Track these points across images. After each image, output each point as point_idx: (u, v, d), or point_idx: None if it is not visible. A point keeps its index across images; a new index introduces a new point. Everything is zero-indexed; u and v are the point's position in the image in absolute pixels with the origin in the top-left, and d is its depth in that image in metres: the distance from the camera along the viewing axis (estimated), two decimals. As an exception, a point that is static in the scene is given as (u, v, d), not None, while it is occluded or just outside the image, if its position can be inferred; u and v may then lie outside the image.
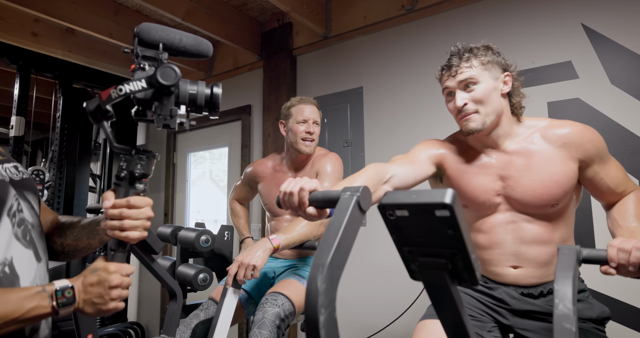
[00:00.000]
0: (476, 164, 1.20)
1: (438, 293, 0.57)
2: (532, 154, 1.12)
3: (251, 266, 1.34)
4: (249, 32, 3.04)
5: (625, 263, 0.84)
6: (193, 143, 3.76)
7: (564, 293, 0.71)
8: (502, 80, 1.15)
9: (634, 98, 1.76)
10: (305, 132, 1.73)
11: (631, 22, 1.79)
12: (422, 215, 0.51)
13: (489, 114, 1.12)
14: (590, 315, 1.10)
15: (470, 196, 1.18)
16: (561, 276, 0.76)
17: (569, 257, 0.82)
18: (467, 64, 1.13)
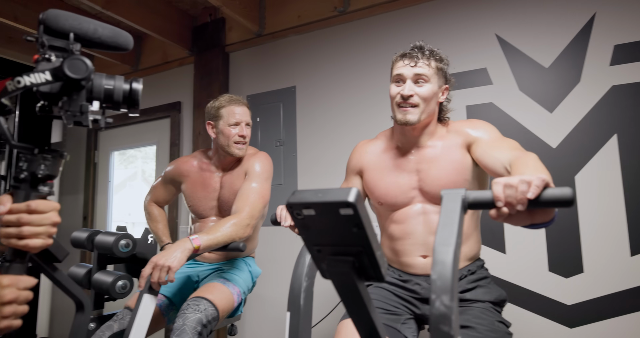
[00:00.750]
0: (395, 162, 1.28)
1: (346, 291, 0.58)
2: (439, 147, 1.25)
3: (166, 268, 1.25)
4: (179, 25, 2.91)
5: (512, 200, 0.68)
6: (117, 141, 3.51)
7: (443, 284, 0.55)
8: (442, 90, 1.27)
9: (539, 105, 1.94)
10: (238, 136, 1.66)
11: (537, 35, 1.98)
12: (327, 213, 0.51)
13: (424, 112, 1.21)
14: (489, 298, 1.19)
15: (384, 193, 1.26)
16: (440, 246, 0.59)
17: (452, 203, 0.64)
18: (427, 62, 1.21)
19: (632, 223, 1.74)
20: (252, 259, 1.86)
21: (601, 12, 1.86)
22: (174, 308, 1.64)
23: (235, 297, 1.57)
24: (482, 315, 1.11)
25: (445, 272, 0.56)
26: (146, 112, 3.25)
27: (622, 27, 1.82)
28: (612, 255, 1.76)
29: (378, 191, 1.27)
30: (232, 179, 1.71)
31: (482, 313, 1.13)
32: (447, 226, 0.61)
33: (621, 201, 1.76)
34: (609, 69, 1.82)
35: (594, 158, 1.82)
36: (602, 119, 1.82)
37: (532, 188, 0.66)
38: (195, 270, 1.75)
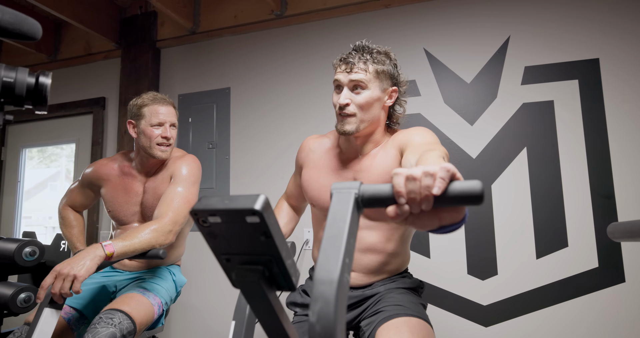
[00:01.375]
0: (334, 165, 1.22)
1: (256, 301, 0.56)
2: (376, 155, 1.17)
3: (71, 277, 1.11)
4: (105, 15, 2.71)
5: (416, 196, 0.54)
6: (29, 137, 3.18)
7: (323, 330, 0.46)
8: (389, 93, 1.15)
9: (461, 117, 2.08)
10: (161, 137, 1.56)
11: (460, 52, 2.11)
12: (234, 221, 0.49)
13: (364, 121, 1.12)
14: (403, 285, 1.20)
15: (317, 195, 1.22)
16: (331, 233, 0.51)
17: (343, 201, 0.53)
18: (364, 66, 1.11)
19: (537, 229, 1.91)
20: (178, 267, 1.76)
21: (514, 35, 2.04)
22: (85, 321, 1.50)
23: (155, 308, 1.47)
24: (403, 296, 1.14)
25: (328, 313, 0.45)
26: (65, 107, 2.98)
27: (532, 51, 2.00)
28: (522, 258, 1.91)
29: (311, 192, 1.23)
30: (156, 183, 1.61)
31: (402, 294, 1.15)
32: (333, 239, 0.50)
33: (529, 209, 1.93)
34: (520, 88, 2.00)
35: (507, 169, 1.98)
36: (515, 133, 1.99)
37: (437, 181, 0.53)
38: (112, 279, 1.62)
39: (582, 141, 1.89)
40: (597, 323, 1.77)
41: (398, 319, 1.04)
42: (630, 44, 1.88)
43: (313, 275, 1.32)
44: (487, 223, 1.98)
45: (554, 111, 1.94)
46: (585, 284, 1.82)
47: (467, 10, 2.12)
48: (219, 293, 2.37)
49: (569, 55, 1.95)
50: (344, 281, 0.48)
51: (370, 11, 2.29)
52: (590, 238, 1.84)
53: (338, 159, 1.23)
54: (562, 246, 1.87)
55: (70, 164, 3.49)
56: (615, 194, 1.82)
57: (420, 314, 1.08)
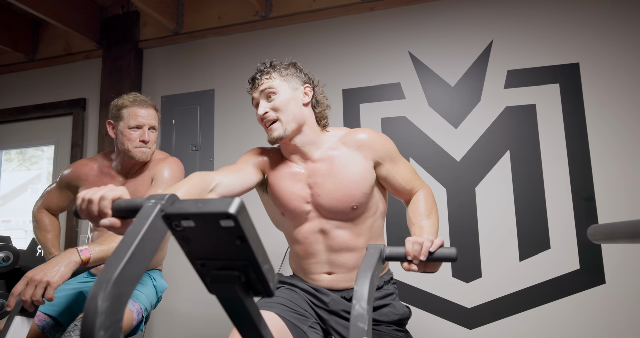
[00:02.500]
0: (289, 172, 1.23)
1: (232, 307, 0.54)
2: (333, 159, 1.20)
3: (43, 284, 1.06)
4: (86, 14, 2.65)
5: (417, 253, 0.94)
6: (6, 139, 3.08)
7: (361, 294, 0.76)
8: (302, 91, 1.22)
9: (445, 120, 2.09)
10: (139, 140, 1.52)
11: (444, 55, 2.13)
12: (208, 225, 0.47)
13: (289, 121, 1.17)
14: (393, 318, 1.21)
15: (284, 202, 1.22)
16: (361, 276, 0.80)
17: (372, 256, 0.88)
18: (267, 76, 1.19)
19: (520, 231, 1.92)
20: (159, 272, 1.72)
21: (497, 39, 2.06)
22: (60, 329, 1.45)
23: (134, 314, 1.44)
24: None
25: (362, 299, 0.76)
26: (44, 107, 2.90)
27: (514, 55, 2.03)
28: (505, 260, 1.93)
29: (281, 199, 1.22)
30: (136, 185, 1.57)
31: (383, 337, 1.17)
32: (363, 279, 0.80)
33: (512, 212, 1.94)
34: (503, 91, 2.02)
35: (491, 171, 1.99)
36: (498, 136, 2.00)
37: (434, 245, 0.96)
38: (89, 284, 1.57)
39: (563, 144, 1.92)
40: (579, 324, 1.80)
41: None
42: (610, 49, 1.92)
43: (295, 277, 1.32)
44: (471, 225, 1.99)
45: (536, 114, 1.97)
46: (567, 286, 1.84)
47: (451, 14, 2.14)
48: (202, 298, 2.33)
49: (550, 59, 1.98)
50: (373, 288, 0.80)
51: (355, 14, 2.29)
52: (571, 240, 1.86)
53: (290, 168, 1.24)
54: (545, 249, 1.89)
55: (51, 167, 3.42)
56: (596, 196, 1.85)
57: None
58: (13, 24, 2.81)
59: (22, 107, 2.96)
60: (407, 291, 2.01)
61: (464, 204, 2.00)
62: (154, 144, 1.59)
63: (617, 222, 0.79)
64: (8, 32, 2.77)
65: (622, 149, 1.85)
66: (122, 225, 0.73)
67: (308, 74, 1.26)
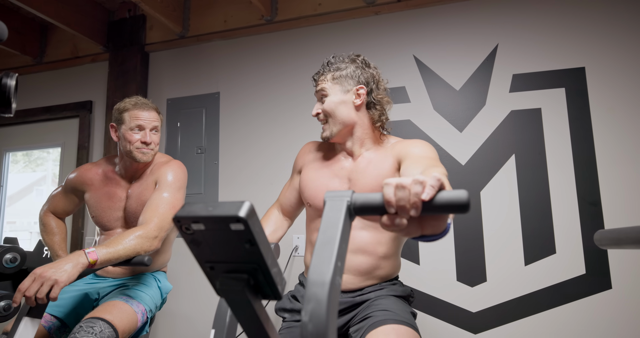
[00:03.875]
0: (331, 166, 1.28)
1: (241, 310, 0.54)
2: (372, 158, 1.22)
3: (50, 282, 1.06)
4: (93, 18, 2.68)
5: (405, 204, 0.54)
6: (13, 140, 3.11)
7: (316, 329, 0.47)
8: (354, 93, 1.21)
9: (450, 124, 2.09)
10: (141, 142, 1.53)
11: (449, 59, 2.13)
12: (218, 228, 0.47)
13: (335, 124, 1.21)
14: (394, 293, 1.21)
15: (313, 194, 1.25)
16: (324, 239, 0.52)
17: (335, 208, 0.55)
18: (323, 77, 1.23)
19: (525, 236, 1.92)
20: (163, 274, 1.72)
21: (503, 43, 2.06)
22: (66, 330, 1.46)
23: (139, 316, 1.44)
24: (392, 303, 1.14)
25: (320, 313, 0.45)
26: (51, 110, 2.93)
27: (519, 59, 2.03)
28: (510, 265, 1.92)
29: (308, 191, 1.26)
30: (140, 189, 1.58)
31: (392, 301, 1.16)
32: (326, 244, 0.51)
33: (517, 216, 1.94)
34: (509, 96, 2.02)
35: (496, 175, 1.99)
36: (503, 140, 2.00)
37: (427, 188, 0.54)
38: (95, 286, 1.58)
39: (569, 148, 1.92)
40: (585, 330, 1.78)
41: (386, 326, 1.03)
42: (616, 54, 1.91)
43: (306, 278, 1.31)
44: (476, 229, 1.98)
45: (542, 118, 1.96)
46: (572, 291, 1.83)
47: (456, 18, 2.15)
48: (206, 300, 2.33)
49: (556, 63, 1.98)
50: (336, 283, 0.49)
51: (360, 18, 2.30)
52: (577, 245, 1.85)
53: (334, 162, 1.28)
54: (550, 253, 1.88)
55: (56, 169, 3.44)
56: (602, 201, 1.84)
57: (409, 322, 1.08)
58: (21, 27, 2.84)
59: (29, 109, 2.99)
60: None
61: (468, 208, 1.99)
62: (156, 146, 1.60)
63: (625, 227, 0.79)
64: (17, 36, 2.80)
65: (629, 154, 1.84)
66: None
67: (370, 71, 1.23)
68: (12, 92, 0.65)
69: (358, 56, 1.25)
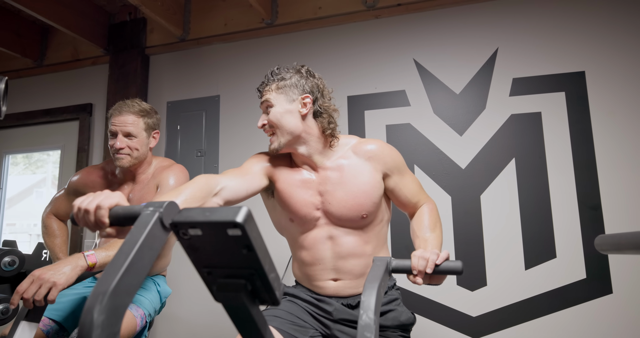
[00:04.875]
0: (300, 179, 1.23)
1: (238, 315, 0.54)
2: (344, 168, 1.20)
3: (49, 284, 1.06)
4: (93, 21, 2.69)
5: (423, 268, 0.95)
6: (12, 143, 3.11)
7: (368, 305, 0.75)
8: (300, 102, 1.19)
9: (450, 127, 2.08)
10: (112, 147, 1.52)
11: (449, 63, 2.13)
12: (215, 234, 0.47)
13: (283, 134, 1.18)
14: (398, 323, 1.21)
15: (294, 209, 1.22)
16: (368, 287, 0.80)
17: (379, 268, 0.88)
18: (267, 87, 1.21)
19: (526, 240, 1.91)
20: (163, 278, 1.72)
21: (503, 47, 2.07)
22: (64, 334, 1.45)
23: (138, 320, 1.43)
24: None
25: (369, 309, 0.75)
26: (51, 112, 2.93)
27: (519, 63, 2.03)
28: (511, 269, 1.91)
29: (292, 206, 1.22)
30: (142, 193, 1.58)
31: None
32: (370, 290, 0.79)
33: (517, 220, 1.93)
34: (509, 99, 2.02)
35: (496, 179, 1.99)
36: (503, 144, 2.00)
37: (440, 258, 0.96)
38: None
39: (569, 152, 1.91)
40: (586, 335, 1.77)
41: None
42: (615, 58, 1.92)
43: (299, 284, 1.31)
44: (476, 233, 1.97)
45: (542, 122, 1.96)
46: (573, 295, 1.82)
47: (456, 22, 2.15)
48: (206, 304, 2.32)
49: (555, 67, 1.98)
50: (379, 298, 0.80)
51: (360, 21, 2.30)
52: (577, 250, 1.84)
53: (301, 174, 1.24)
54: (551, 258, 1.87)
55: (56, 171, 3.43)
56: (602, 205, 1.84)
57: None
58: (22, 30, 2.85)
59: (29, 112, 2.99)
60: (411, 299, 2.00)
61: (469, 212, 1.99)
62: (134, 150, 1.55)
63: (626, 232, 0.78)
64: (17, 38, 2.81)
65: (629, 158, 1.84)
66: (121, 232, 0.73)
67: (314, 81, 1.22)
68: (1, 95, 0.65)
69: (302, 66, 1.24)
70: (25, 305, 1.06)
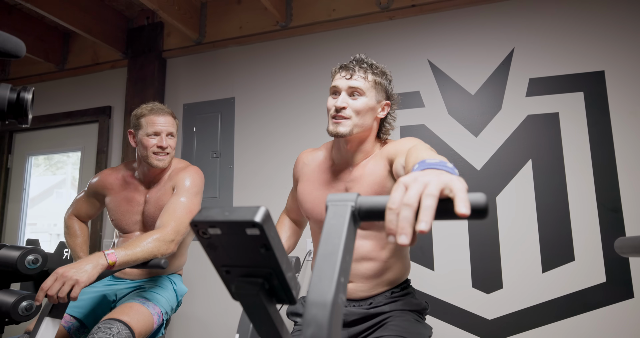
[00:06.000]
0: (328, 178, 1.24)
1: (256, 314, 0.55)
2: (366, 166, 1.20)
3: (72, 281, 1.10)
4: (113, 26, 2.75)
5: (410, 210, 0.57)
6: (35, 145, 3.20)
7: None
8: (382, 105, 1.20)
9: (465, 129, 2.07)
10: (157, 146, 1.57)
11: (464, 63, 2.11)
12: (234, 233, 0.48)
13: (358, 125, 1.15)
14: (408, 307, 1.20)
15: (310, 207, 1.23)
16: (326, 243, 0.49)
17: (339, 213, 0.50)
18: (364, 75, 1.16)
19: (543, 243, 1.88)
20: (179, 277, 1.75)
21: (519, 47, 2.04)
22: (85, 331, 1.49)
23: (155, 317, 1.46)
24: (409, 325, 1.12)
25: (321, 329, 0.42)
26: (72, 115, 3.01)
27: (536, 63, 2.00)
28: (527, 271, 1.89)
29: (306, 204, 1.23)
30: (158, 194, 1.62)
31: (408, 321, 1.14)
32: (328, 257, 0.46)
33: (534, 222, 1.90)
34: (525, 100, 1.99)
35: (512, 181, 1.96)
36: (519, 145, 1.97)
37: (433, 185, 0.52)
38: (112, 288, 1.61)
39: (587, 153, 1.88)
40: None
41: None
42: (636, 56, 1.87)
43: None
44: (492, 235, 1.95)
45: (559, 123, 1.93)
46: (592, 299, 1.78)
47: (471, 22, 2.13)
48: (221, 303, 2.35)
49: (574, 67, 1.95)
50: (339, 303, 0.44)
51: (374, 23, 2.30)
52: (597, 252, 1.81)
53: (330, 172, 1.24)
54: (569, 260, 1.84)
55: (75, 172, 3.52)
56: (623, 208, 1.80)
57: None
58: (45, 35, 2.93)
59: (51, 114, 3.08)
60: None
61: (484, 213, 1.97)
62: (172, 150, 1.63)
63: (646, 235, 0.77)
64: (40, 43, 2.90)
65: (650, 159, 1.79)
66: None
67: (392, 90, 1.23)
68: (29, 105, 0.68)
69: (385, 70, 1.23)
70: (50, 301, 1.09)
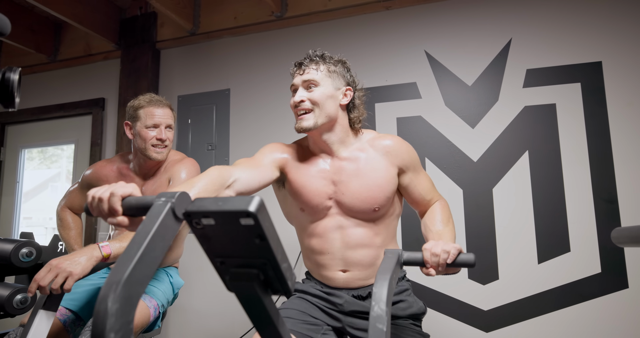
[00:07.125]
0: (314, 168, 1.24)
1: (251, 305, 0.54)
2: (360, 160, 1.21)
3: (65, 273, 1.09)
4: (105, 16, 2.70)
5: (436, 265, 0.94)
6: (28, 138, 3.16)
7: (380, 296, 0.75)
8: (343, 92, 1.23)
9: (461, 119, 2.06)
10: (156, 139, 1.55)
11: (461, 54, 2.10)
12: (228, 223, 0.47)
13: (322, 115, 1.18)
14: (409, 313, 1.21)
15: (306, 199, 1.22)
16: (380, 278, 0.80)
17: (390, 260, 0.87)
18: (315, 66, 1.20)
19: (539, 233, 1.89)
20: (175, 269, 1.74)
21: (516, 38, 2.03)
22: (80, 323, 1.48)
23: (151, 310, 1.46)
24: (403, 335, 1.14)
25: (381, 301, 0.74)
26: (64, 107, 2.97)
27: (534, 54, 1.99)
28: (523, 262, 1.89)
29: (304, 196, 1.22)
30: (154, 186, 1.60)
31: (403, 333, 1.15)
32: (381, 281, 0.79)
33: (530, 214, 1.91)
34: (522, 91, 1.98)
35: (509, 172, 1.96)
36: (516, 136, 1.97)
37: (450, 256, 0.94)
38: (108, 281, 1.60)
39: (584, 144, 1.88)
40: (600, 330, 1.75)
41: None
42: (634, 47, 1.87)
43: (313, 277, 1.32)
44: (488, 227, 1.96)
45: (556, 114, 1.93)
46: (587, 290, 1.79)
47: (468, 13, 2.11)
48: (218, 295, 2.35)
49: (571, 58, 1.94)
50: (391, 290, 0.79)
51: (371, 13, 2.28)
52: (592, 243, 1.82)
53: (316, 163, 1.24)
54: (564, 251, 1.85)
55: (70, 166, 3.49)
56: (619, 198, 1.80)
57: None
58: (36, 26, 2.88)
59: (43, 107, 3.04)
60: (422, 292, 1.99)
61: (480, 205, 1.97)
62: (170, 143, 1.62)
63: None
64: (31, 34, 2.85)
65: (646, 150, 1.80)
66: (133, 222, 0.74)
67: (354, 76, 1.26)
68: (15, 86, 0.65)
69: (345, 60, 1.27)
70: (41, 292, 1.09)
